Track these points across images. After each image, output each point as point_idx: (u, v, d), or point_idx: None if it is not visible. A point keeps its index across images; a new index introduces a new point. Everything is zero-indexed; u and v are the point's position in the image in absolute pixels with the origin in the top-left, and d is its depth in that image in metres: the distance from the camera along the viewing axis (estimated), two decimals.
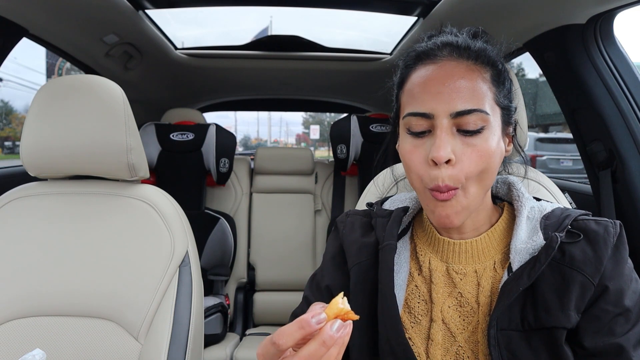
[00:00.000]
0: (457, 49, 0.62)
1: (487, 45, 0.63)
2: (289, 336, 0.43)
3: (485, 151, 0.59)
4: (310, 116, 31.08)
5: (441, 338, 0.64)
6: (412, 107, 0.61)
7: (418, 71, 0.63)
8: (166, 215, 1.00)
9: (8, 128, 18.34)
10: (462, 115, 0.58)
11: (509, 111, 0.64)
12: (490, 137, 0.59)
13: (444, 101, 0.59)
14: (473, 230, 0.67)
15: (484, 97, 0.59)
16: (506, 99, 0.63)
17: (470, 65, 0.61)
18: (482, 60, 0.61)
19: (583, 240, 0.61)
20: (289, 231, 2.31)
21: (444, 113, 0.58)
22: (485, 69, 0.61)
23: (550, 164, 7.66)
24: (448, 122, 0.59)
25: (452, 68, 0.60)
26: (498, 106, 0.62)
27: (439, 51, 0.62)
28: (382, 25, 1.99)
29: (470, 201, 0.60)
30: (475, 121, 0.58)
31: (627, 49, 1.17)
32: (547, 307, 0.59)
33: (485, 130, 0.59)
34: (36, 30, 1.41)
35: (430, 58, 0.62)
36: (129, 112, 0.99)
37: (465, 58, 0.61)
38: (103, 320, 0.93)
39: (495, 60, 0.63)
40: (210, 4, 1.66)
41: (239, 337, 2.06)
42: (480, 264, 0.66)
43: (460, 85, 0.59)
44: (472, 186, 0.60)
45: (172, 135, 2.17)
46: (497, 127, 0.61)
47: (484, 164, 0.59)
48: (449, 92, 0.59)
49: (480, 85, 0.60)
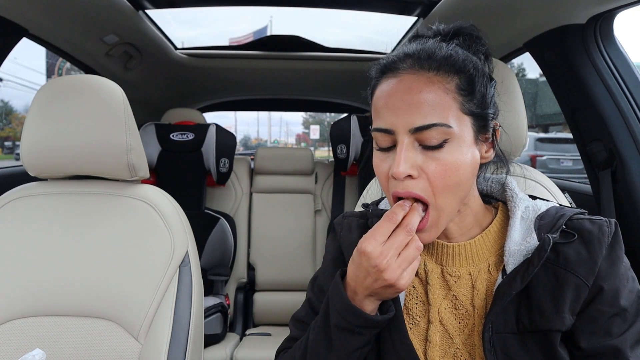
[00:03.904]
0: (418, 60, 0.59)
1: (455, 51, 0.60)
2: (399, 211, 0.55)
3: (450, 165, 0.57)
4: (310, 116, 31.10)
5: (439, 339, 0.64)
6: (376, 122, 0.61)
7: (381, 85, 0.61)
8: (166, 215, 1.00)
9: (8, 128, 18.34)
10: (421, 130, 0.56)
11: (483, 118, 0.61)
12: (455, 150, 0.57)
13: (403, 117, 0.57)
14: (460, 234, 0.66)
15: (446, 110, 0.57)
16: (478, 106, 0.60)
17: (431, 77, 0.58)
18: (445, 69, 0.58)
19: (577, 240, 0.60)
20: (289, 231, 2.31)
21: (403, 129, 0.57)
22: (448, 78, 0.58)
23: (550, 164, 7.65)
24: (409, 138, 0.57)
25: (412, 82, 0.58)
26: (467, 115, 0.59)
27: (400, 63, 0.60)
28: (382, 25, 1.99)
29: (441, 216, 0.59)
30: (436, 136, 0.56)
31: (627, 49, 1.17)
32: (542, 309, 0.59)
33: (448, 143, 0.57)
34: (36, 30, 1.41)
35: (392, 71, 0.60)
36: (129, 112, 0.99)
37: (425, 69, 0.58)
38: (103, 320, 0.93)
39: (464, 67, 0.59)
40: (210, 4, 1.67)
41: (239, 337, 2.06)
42: (475, 267, 0.65)
43: (419, 100, 0.57)
44: (442, 200, 0.58)
45: (172, 135, 2.17)
46: (465, 138, 0.58)
47: (450, 178, 0.57)
48: (407, 107, 0.57)
49: (442, 97, 0.57)
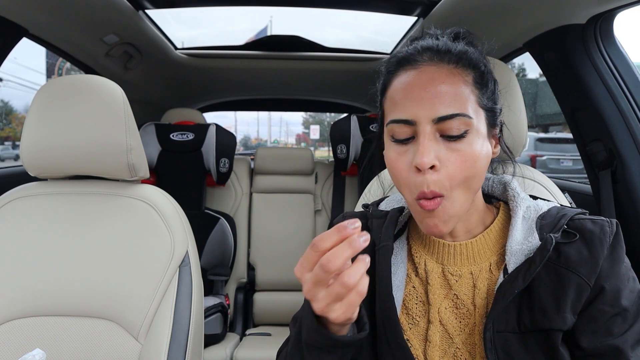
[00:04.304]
0: (437, 53, 0.61)
1: (468, 48, 0.62)
2: (328, 238, 0.47)
3: (469, 155, 0.58)
4: (310, 116, 31.08)
5: (439, 339, 0.64)
6: (394, 114, 0.61)
7: (399, 77, 0.62)
8: (166, 215, 1.00)
9: (8, 128, 18.34)
10: (444, 120, 0.57)
11: (494, 113, 0.63)
12: (474, 141, 0.59)
13: (426, 107, 0.58)
14: (465, 233, 0.67)
15: (466, 101, 0.58)
16: (490, 100, 0.62)
17: (451, 69, 0.60)
18: (463, 63, 0.60)
19: (579, 240, 0.60)
20: (289, 231, 2.31)
21: (426, 119, 0.58)
22: (466, 72, 0.60)
23: (550, 164, 7.65)
24: (431, 128, 0.58)
25: (433, 73, 0.59)
26: (482, 109, 0.61)
27: (419, 56, 0.61)
28: (382, 25, 1.99)
29: (457, 208, 0.60)
30: (458, 126, 0.58)
31: (627, 49, 1.17)
32: (543, 308, 0.59)
33: (468, 134, 0.58)
34: (36, 30, 1.41)
35: (411, 63, 0.61)
36: (129, 112, 0.99)
37: (446, 62, 0.60)
38: (103, 320, 0.93)
39: (477, 62, 0.62)
40: (210, 4, 1.67)
41: (239, 337, 2.06)
42: (476, 266, 0.66)
43: (442, 90, 0.58)
44: (457, 192, 0.59)
45: (172, 135, 2.17)
46: (481, 130, 0.60)
47: (469, 169, 0.58)
48: (431, 97, 0.58)
49: (462, 89, 0.59)
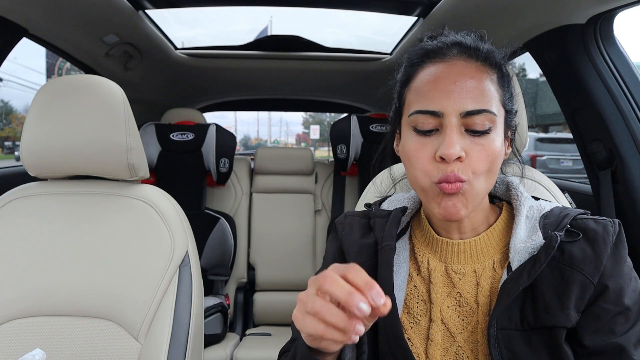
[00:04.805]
0: (467, 49, 0.62)
1: (494, 48, 0.64)
2: (339, 288, 0.46)
3: (491, 151, 0.60)
4: (310, 116, 31.10)
5: (440, 338, 0.64)
6: (421, 104, 0.61)
7: (427, 69, 0.63)
8: (166, 215, 1.00)
9: (8, 128, 18.36)
10: (471, 115, 0.58)
11: (512, 114, 0.66)
12: (496, 138, 0.60)
13: (454, 100, 0.59)
14: (471, 230, 0.67)
15: (492, 98, 0.60)
16: (510, 102, 0.65)
17: (480, 66, 0.61)
18: (490, 62, 0.62)
19: (582, 239, 0.61)
20: (289, 231, 2.31)
21: (453, 112, 0.59)
22: (492, 70, 0.62)
23: (550, 164, 7.65)
24: (457, 121, 0.59)
25: (462, 67, 0.61)
26: (503, 108, 0.63)
27: (448, 50, 0.63)
28: (382, 25, 1.99)
29: (475, 195, 0.60)
30: (483, 121, 0.59)
31: (627, 49, 1.17)
32: (547, 306, 0.59)
33: (492, 131, 0.60)
34: (36, 30, 1.41)
35: (439, 57, 0.62)
36: (129, 112, 0.99)
37: (474, 59, 0.62)
38: (103, 320, 0.93)
39: (501, 64, 0.64)
40: (211, 4, 1.66)
41: (239, 337, 2.06)
42: (479, 264, 0.66)
43: (470, 85, 0.59)
44: (478, 182, 0.60)
45: (172, 135, 2.17)
46: (501, 129, 0.62)
47: (489, 164, 0.60)
48: (459, 91, 0.59)
49: (489, 87, 0.60)
